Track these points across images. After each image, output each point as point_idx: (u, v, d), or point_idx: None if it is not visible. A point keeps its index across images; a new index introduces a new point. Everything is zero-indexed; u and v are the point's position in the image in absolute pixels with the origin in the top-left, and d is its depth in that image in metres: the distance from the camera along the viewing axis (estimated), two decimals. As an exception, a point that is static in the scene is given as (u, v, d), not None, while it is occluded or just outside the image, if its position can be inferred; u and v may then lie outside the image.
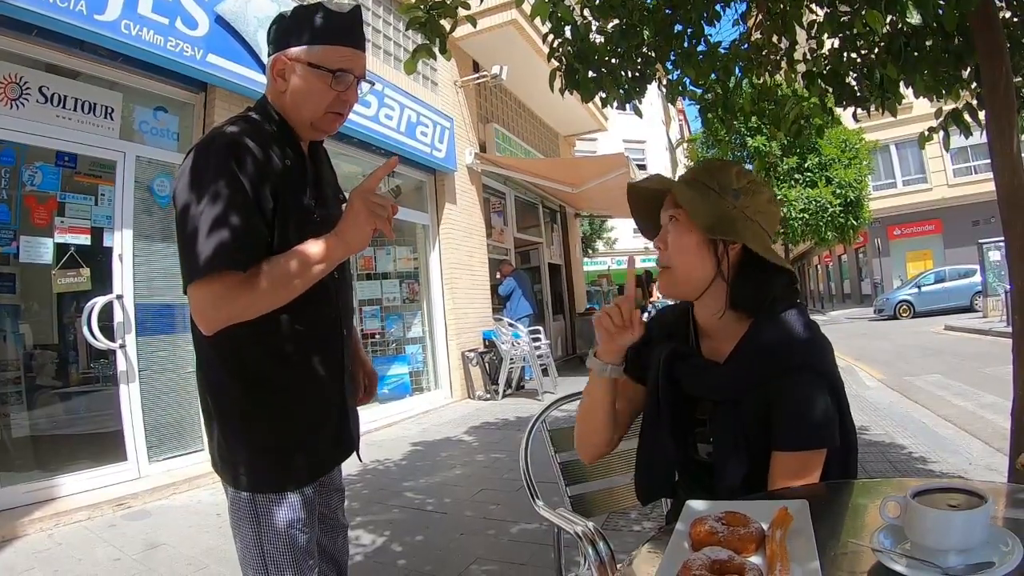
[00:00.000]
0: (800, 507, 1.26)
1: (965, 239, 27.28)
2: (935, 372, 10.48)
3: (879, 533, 1.12)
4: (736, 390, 1.61)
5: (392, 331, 9.39)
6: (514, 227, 13.41)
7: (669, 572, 1.09)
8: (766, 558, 1.11)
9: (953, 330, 17.80)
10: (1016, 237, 3.18)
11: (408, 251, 9.86)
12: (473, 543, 4.07)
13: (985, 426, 6.41)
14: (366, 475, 5.75)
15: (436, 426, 8.03)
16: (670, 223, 1.66)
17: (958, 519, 1.03)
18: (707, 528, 1.21)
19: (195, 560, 3.85)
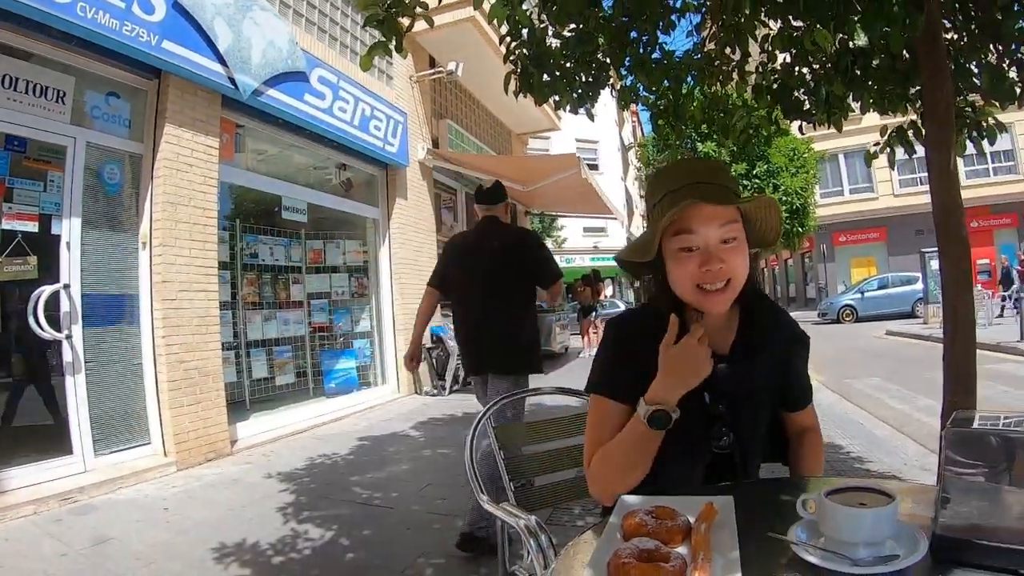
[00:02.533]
0: (725, 503, 1.38)
1: (908, 247, 27.94)
2: (874, 375, 10.84)
3: (797, 528, 1.24)
4: (768, 377, 1.78)
5: (340, 325, 9.39)
6: (464, 223, 13.39)
7: (601, 560, 1.17)
8: (690, 548, 1.21)
9: (894, 335, 18.36)
10: (950, 249, 3.36)
11: (358, 245, 9.85)
12: (420, 537, 4.13)
13: (920, 428, 6.66)
14: (313, 470, 5.77)
15: (383, 421, 8.06)
16: (732, 242, 1.61)
17: (867, 516, 1.15)
18: (637, 520, 1.30)
19: (143, 555, 3.83)
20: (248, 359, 7.72)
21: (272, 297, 8.21)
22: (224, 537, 4.07)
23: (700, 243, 1.58)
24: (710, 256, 1.57)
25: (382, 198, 10.19)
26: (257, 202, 8.20)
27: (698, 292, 1.60)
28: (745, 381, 1.72)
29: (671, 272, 1.65)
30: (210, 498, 4.95)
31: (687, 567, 1.12)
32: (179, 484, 5.30)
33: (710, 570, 1.10)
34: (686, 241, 1.59)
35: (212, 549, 3.88)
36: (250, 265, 7.89)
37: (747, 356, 1.73)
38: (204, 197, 6.27)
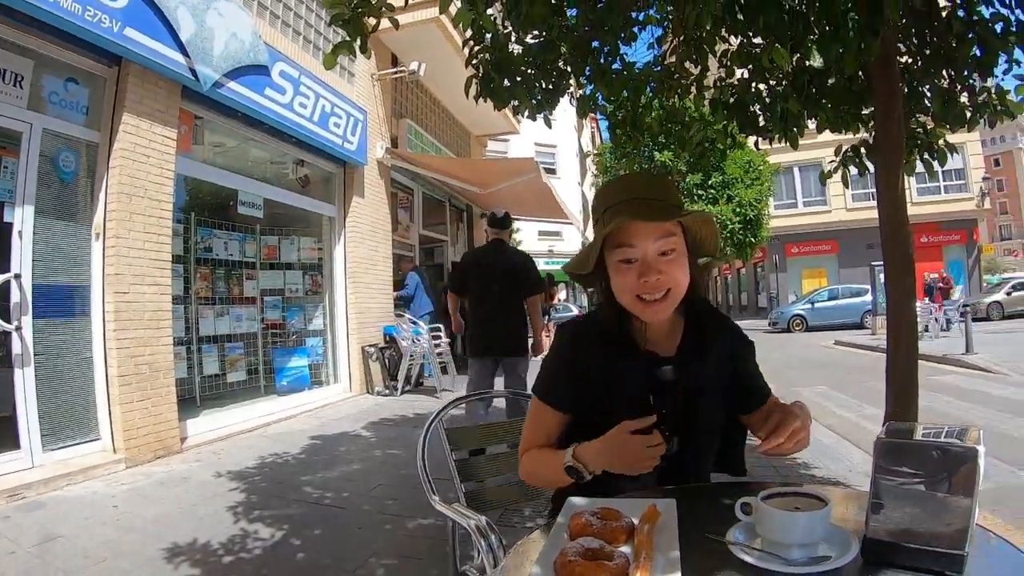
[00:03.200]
0: (668, 505, 1.45)
1: (859, 260, 28.51)
2: (821, 384, 11.07)
3: (735, 529, 1.32)
4: (715, 379, 1.85)
5: (293, 322, 9.31)
6: (420, 223, 13.41)
7: (548, 558, 1.23)
8: (633, 548, 1.27)
9: (842, 345, 18.74)
10: (894, 264, 3.52)
11: (313, 242, 9.78)
12: (371, 537, 4.14)
13: (865, 436, 6.78)
14: (264, 468, 5.73)
15: (334, 420, 8.03)
16: (670, 254, 1.68)
17: (801, 519, 1.22)
18: (583, 521, 1.36)
19: (92, 553, 3.78)
20: (200, 355, 7.63)
21: (225, 292, 8.12)
22: (174, 536, 4.03)
23: (639, 255, 1.67)
24: (648, 268, 1.66)
25: (339, 196, 10.14)
26: (213, 195, 8.11)
27: (638, 302, 1.69)
28: (690, 382, 1.79)
29: (613, 283, 1.74)
30: (160, 496, 4.89)
31: (629, 565, 1.18)
32: (128, 481, 5.22)
33: (651, 568, 1.16)
34: (626, 254, 1.68)
35: (162, 548, 3.84)
36: (204, 259, 7.79)
37: (692, 358, 1.81)
38: (160, 189, 6.18)
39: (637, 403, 1.74)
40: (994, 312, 25.22)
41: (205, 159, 7.68)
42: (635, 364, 1.79)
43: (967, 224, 33.17)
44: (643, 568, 1.14)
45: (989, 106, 3.99)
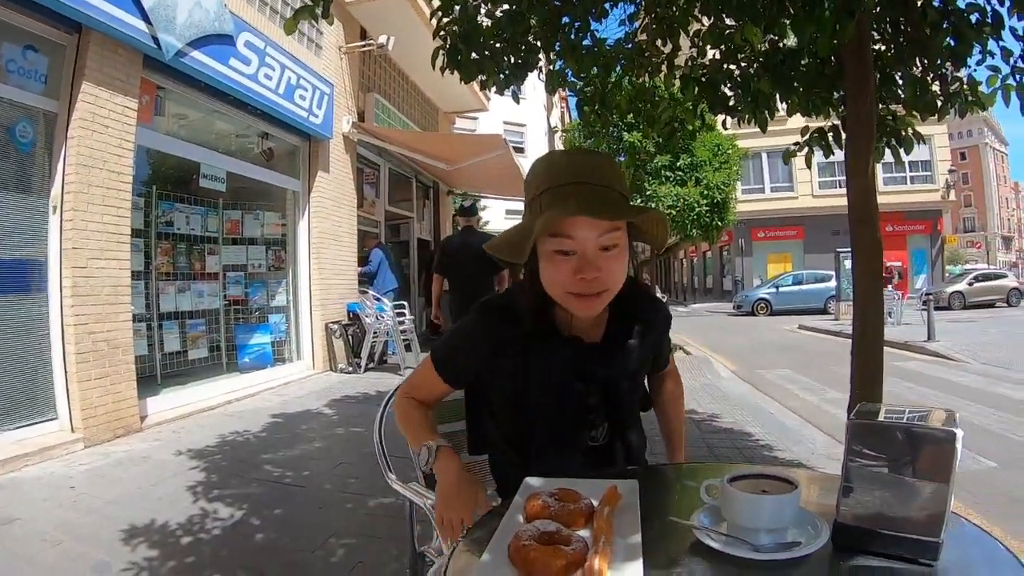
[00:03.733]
0: (630, 487, 1.40)
1: (824, 246, 29.15)
2: (785, 367, 11.25)
3: (699, 513, 1.27)
4: (642, 363, 1.84)
5: (256, 299, 9.19)
6: (386, 200, 13.31)
7: (501, 542, 1.17)
8: (593, 532, 1.20)
9: (806, 329, 19.18)
10: (862, 249, 3.52)
11: (276, 217, 9.63)
12: (331, 517, 4.11)
13: (828, 419, 6.93)
14: (225, 447, 5.66)
15: (297, 398, 7.96)
16: (612, 249, 1.54)
17: (768, 502, 1.18)
18: (540, 503, 1.30)
19: (49, 536, 3.71)
20: (160, 332, 7.49)
21: (187, 268, 7.97)
22: (132, 517, 3.96)
23: (578, 249, 1.52)
24: (586, 264, 1.51)
25: (304, 170, 9.99)
26: (175, 168, 7.93)
27: (570, 297, 1.56)
28: (619, 368, 1.74)
29: (543, 272, 1.59)
30: (118, 476, 4.81)
31: (588, 550, 1.12)
32: (86, 462, 5.13)
33: (611, 554, 1.11)
34: (562, 245, 1.52)
35: (120, 529, 3.77)
36: (165, 234, 7.62)
37: (619, 345, 1.74)
38: (119, 160, 6.03)
39: (559, 391, 1.70)
40: (956, 302, 25.84)
41: (167, 131, 7.50)
42: (559, 351, 1.68)
43: (932, 215, 33.82)
44: (602, 554, 1.08)
45: (960, 96, 3.99)
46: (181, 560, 3.44)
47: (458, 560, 1.17)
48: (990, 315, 22.41)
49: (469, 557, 1.17)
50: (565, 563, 1.07)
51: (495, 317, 1.74)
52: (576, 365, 1.69)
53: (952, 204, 36.81)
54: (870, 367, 3.53)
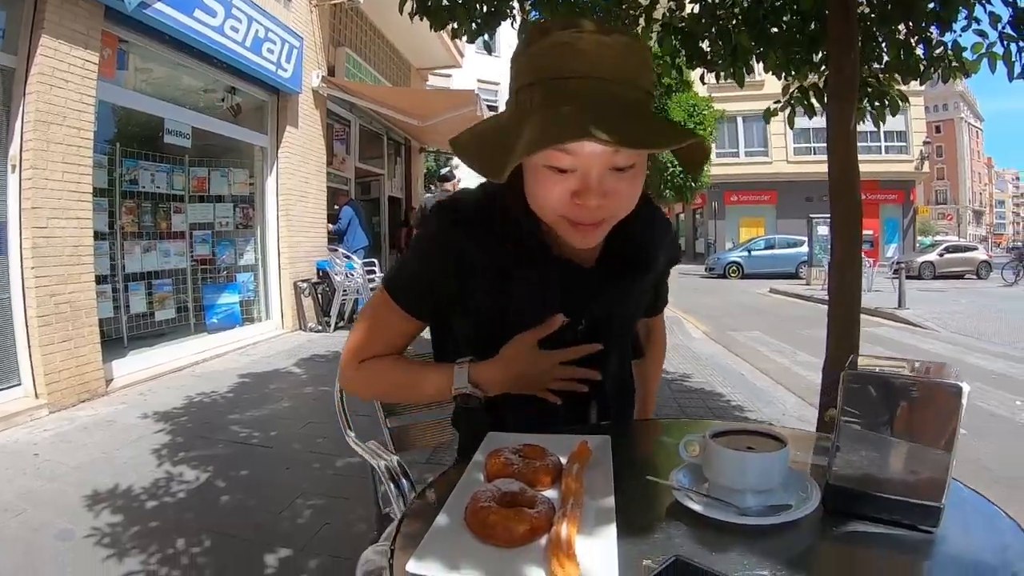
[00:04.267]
0: (601, 443, 1.27)
1: (797, 212, 29.78)
2: (756, 330, 11.34)
3: (678, 472, 1.15)
4: (640, 300, 1.57)
5: (223, 258, 9.00)
6: (356, 156, 13.10)
7: (458, 504, 1.04)
8: (560, 492, 1.08)
9: (777, 293, 19.39)
10: (843, 209, 3.45)
11: (244, 174, 9.38)
12: (298, 477, 4.09)
13: (799, 381, 7.01)
14: (191, 408, 5.57)
15: (265, 357, 7.85)
16: (627, 171, 1.17)
17: (755, 461, 1.07)
18: (502, 460, 1.16)
19: (12, 505, 3.61)
20: (126, 293, 7.31)
21: (152, 227, 7.76)
22: (97, 482, 3.89)
23: (579, 166, 1.14)
24: (588, 188, 1.15)
25: (272, 125, 9.75)
26: (139, 125, 7.68)
27: (564, 222, 1.21)
28: (613, 301, 1.44)
29: (530, 185, 1.23)
30: (83, 442, 4.70)
31: (555, 513, 0.99)
32: (51, 427, 5.01)
33: (580, 517, 0.98)
34: (558, 161, 1.14)
35: (84, 496, 3.71)
36: (129, 192, 7.41)
37: (616, 272, 1.42)
38: (80, 116, 5.79)
39: (539, 319, 1.37)
40: (926, 271, 26.20)
41: (130, 85, 7.26)
42: (543, 275, 1.36)
43: (905, 185, 34.18)
44: (571, 517, 0.95)
45: (944, 60, 3.93)
46: (145, 524, 3.38)
47: (411, 524, 1.03)
48: (960, 286, 22.71)
49: (422, 520, 1.01)
50: (528, 528, 0.95)
51: (463, 230, 1.35)
52: (560, 292, 1.38)
53: (925, 176, 37.34)
54: (846, 327, 3.49)
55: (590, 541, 0.93)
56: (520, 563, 0.89)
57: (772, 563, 0.90)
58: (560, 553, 0.86)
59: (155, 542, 3.19)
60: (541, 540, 0.95)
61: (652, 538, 0.98)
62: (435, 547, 0.90)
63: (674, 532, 1.00)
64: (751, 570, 0.89)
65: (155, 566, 2.98)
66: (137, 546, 3.15)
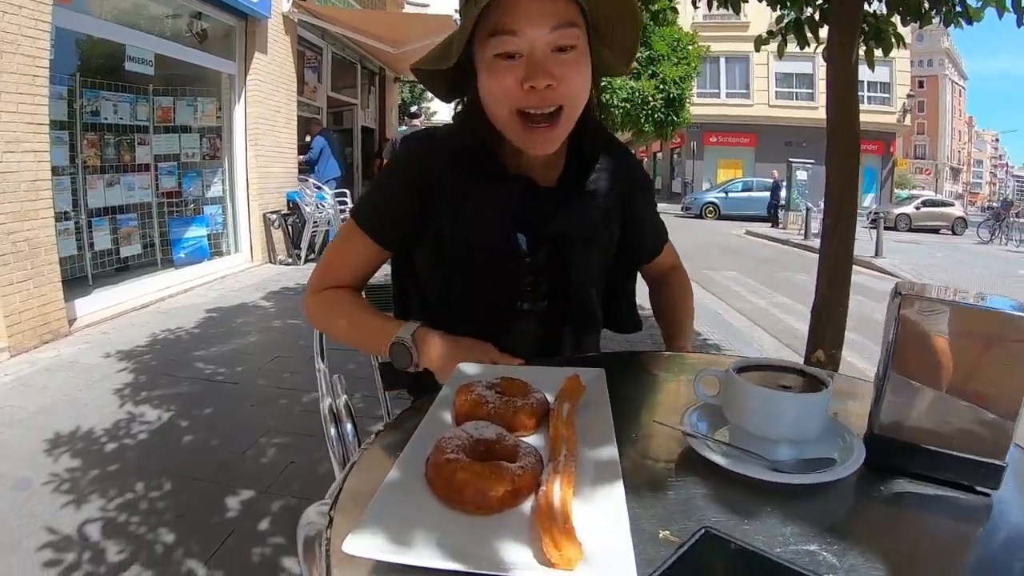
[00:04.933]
0: (595, 376, 1.06)
1: (776, 156, 29.66)
2: (733, 270, 11.32)
3: (692, 414, 0.95)
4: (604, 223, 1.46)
5: (190, 190, 8.63)
6: (328, 85, 12.70)
7: (417, 455, 0.81)
8: (548, 438, 0.88)
9: (753, 235, 19.44)
10: (841, 143, 3.38)
11: (210, 103, 8.96)
12: (264, 414, 3.99)
13: (776, 323, 7.03)
14: (155, 346, 5.37)
15: (234, 291, 7.62)
16: (568, 51, 1.22)
17: (792, 403, 0.87)
18: (475, 396, 0.95)
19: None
20: (89, 230, 6.97)
21: (116, 160, 7.37)
22: (58, 426, 3.73)
23: (524, 49, 1.19)
24: (536, 68, 1.18)
25: (240, 52, 9.27)
26: (100, 54, 7.26)
27: (519, 123, 1.23)
28: (573, 221, 1.39)
29: (483, 87, 1.26)
30: (44, 385, 4.51)
31: (542, 468, 0.78)
32: (12, 372, 4.78)
33: (576, 473, 0.76)
34: (505, 45, 1.19)
35: (45, 441, 3.56)
36: (91, 124, 7.00)
37: (576, 192, 1.41)
38: (34, 44, 5.39)
39: (494, 241, 1.35)
40: (902, 223, 26.43)
41: (89, 11, 6.82)
42: (500, 190, 1.35)
43: (886, 136, 34.21)
44: (565, 475, 0.73)
45: (948, 2, 3.74)
46: (104, 469, 3.26)
47: (357, 477, 0.82)
48: (936, 240, 22.82)
49: (372, 475, 0.79)
50: (510, 489, 0.72)
51: (424, 152, 1.40)
52: (520, 210, 1.36)
53: (906, 129, 37.65)
54: (838, 266, 3.47)
55: (591, 506, 0.71)
56: (498, 539, 0.67)
57: (817, 534, 0.71)
58: (553, 526, 0.63)
59: (114, 487, 3.07)
60: (525, 505, 0.73)
61: (666, 500, 0.77)
62: (383, 516, 0.68)
63: (693, 491, 0.79)
64: (795, 543, 0.69)
65: (113, 513, 2.87)
66: (96, 491, 3.03)
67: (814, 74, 31.18)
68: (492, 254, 1.36)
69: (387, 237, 1.42)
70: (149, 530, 2.76)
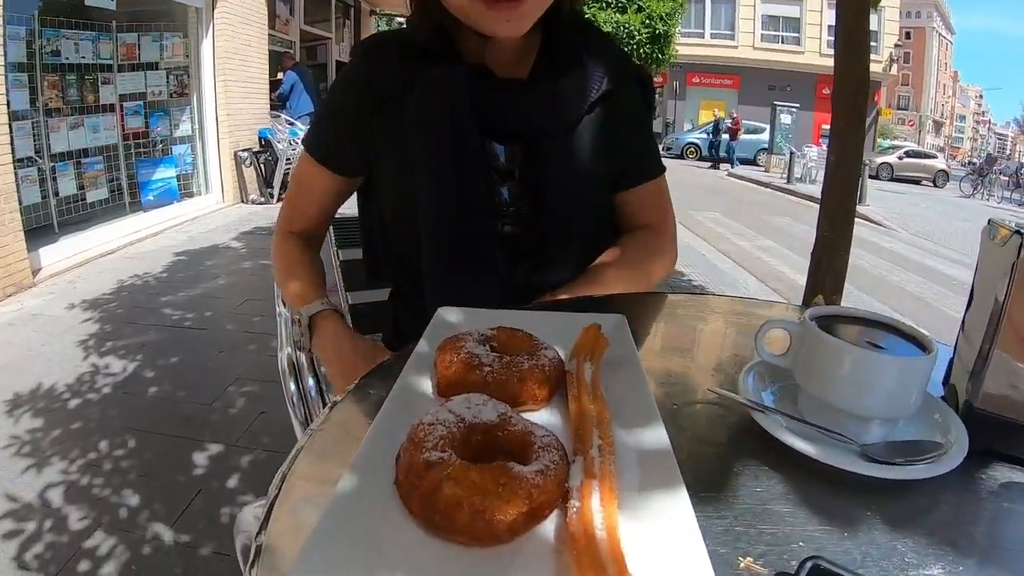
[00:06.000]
0: (616, 325, 0.81)
1: (759, 100, 29.42)
2: (715, 211, 11.21)
3: (748, 376, 0.74)
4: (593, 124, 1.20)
5: (158, 129, 8.26)
6: (301, 18, 12.33)
7: (381, 450, 0.56)
8: (570, 416, 0.63)
9: (735, 177, 19.34)
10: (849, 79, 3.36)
11: (177, 38, 8.54)
12: (232, 361, 3.86)
13: (761, 266, 6.98)
14: (122, 293, 5.15)
15: (204, 233, 7.37)
16: None
17: (894, 368, 0.65)
18: (464, 356, 0.69)
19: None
20: (53, 175, 6.67)
21: (79, 101, 7.05)
22: (18, 385, 3.54)
23: None
24: None
25: (206, -17, 8.89)
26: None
27: (477, 3, 1.01)
28: (551, 115, 1.14)
29: None
30: (7, 340, 4.28)
31: (564, 467, 0.53)
32: (-28, 329, 4.61)
33: (616, 472, 0.53)
34: None
35: (4, 402, 3.38)
36: (52, 65, 6.66)
37: (553, 83, 1.15)
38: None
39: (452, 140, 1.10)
40: (884, 172, 26.30)
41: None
42: (456, 81, 1.11)
43: (871, 85, 33.88)
44: (604, 480, 0.51)
45: None
46: (66, 428, 3.12)
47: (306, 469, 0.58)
48: (919, 191, 22.88)
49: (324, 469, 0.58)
50: (526, 511, 0.48)
51: (372, 56, 1.20)
52: (482, 105, 1.11)
53: (891, 79, 37.37)
54: (841, 205, 3.39)
55: (644, 526, 0.49)
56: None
57: (935, 550, 0.52)
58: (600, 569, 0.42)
59: (76, 447, 2.94)
60: (546, 526, 0.50)
61: (735, 505, 0.56)
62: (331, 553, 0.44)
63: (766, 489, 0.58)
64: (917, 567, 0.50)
65: (75, 475, 2.74)
66: (57, 453, 2.89)
67: (801, 18, 31.01)
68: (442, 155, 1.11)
69: (340, 163, 1.25)
70: (113, 492, 2.64)
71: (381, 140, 1.18)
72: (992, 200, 21.69)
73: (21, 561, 2.25)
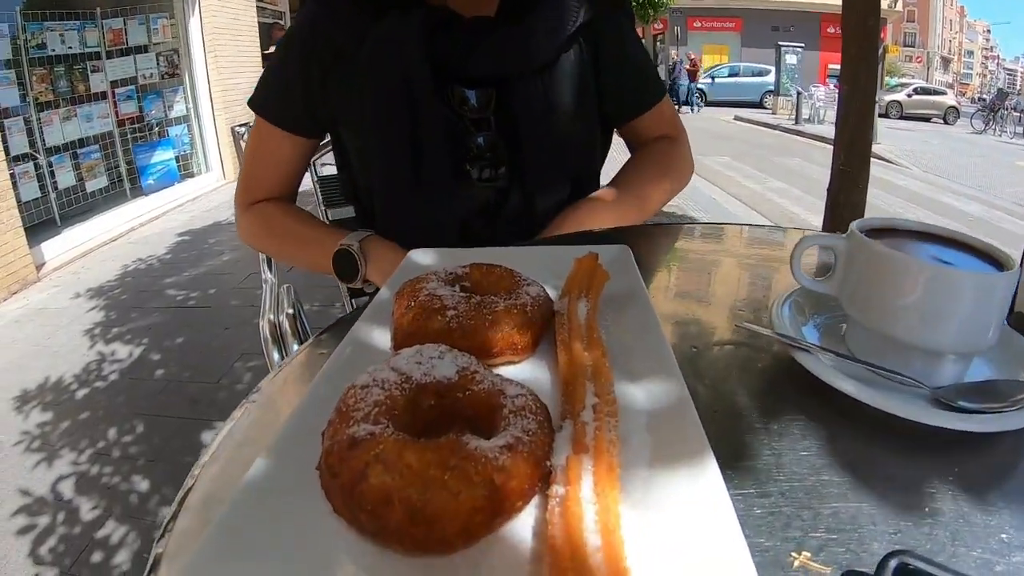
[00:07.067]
0: (617, 255, 0.68)
1: (763, 42, 29.51)
2: (724, 155, 11.03)
3: (783, 308, 0.60)
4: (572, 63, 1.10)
5: (152, 113, 8.18)
6: (292, -14, 12.07)
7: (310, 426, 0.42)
8: (559, 371, 0.49)
9: (742, 121, 18.82)
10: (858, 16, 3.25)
11: (164, 18, 8.38)
12: (238, 337, 3.84)
13: (773, 208, 6.91)
14: (126, 278, 5.14)
15: (205, 212, 7.32)
16: None
17: (973, 286, 0.51)
18: (423, 299, 0.55)
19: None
20: (51, 169, 6.62)
21: (69, 91, 6.98)
22: (26, 380, 3.52)
23: None
24: None
25: (192, -45, 8.73)
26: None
27: None
28: (519, 55, 1.05)
29: None
30: (13, 337, 4.26)
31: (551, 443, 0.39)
32: (-21, 328, 4.61)
33: (618, 441, 0.39)
34: None
35: (13, 398, 3.37)
36: (39, 59, 6.60)
37: (522, 21, 1.06)
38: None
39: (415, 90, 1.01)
40: (893, 111, 25.63)
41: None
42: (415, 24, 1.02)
43: None
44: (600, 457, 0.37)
45: None
46: (75, 419, 3.11)
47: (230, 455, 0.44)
48: (930, 128, 22.31)
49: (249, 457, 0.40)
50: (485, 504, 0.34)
51: (320, 6, 1.10)
52: (443, 50, 1.02)
53: (896, 15, 36.71)
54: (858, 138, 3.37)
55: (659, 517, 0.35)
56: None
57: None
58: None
59: (85, 437, 2.92)
60: (520, 526, 0.36)
61: (779, 477, 0.43)
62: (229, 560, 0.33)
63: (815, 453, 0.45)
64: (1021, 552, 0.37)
65: (85, 465, 2.72)
66: (67, 445, 2.87)
67: (804, -45, 30.40)
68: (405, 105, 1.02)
69: (294, 120, 1.15)
70: (123, 479, 2.61)
71: (337, 100, 1.10)
72: (1004, 136, 21.24)
73: (36, 556, 2.25)
